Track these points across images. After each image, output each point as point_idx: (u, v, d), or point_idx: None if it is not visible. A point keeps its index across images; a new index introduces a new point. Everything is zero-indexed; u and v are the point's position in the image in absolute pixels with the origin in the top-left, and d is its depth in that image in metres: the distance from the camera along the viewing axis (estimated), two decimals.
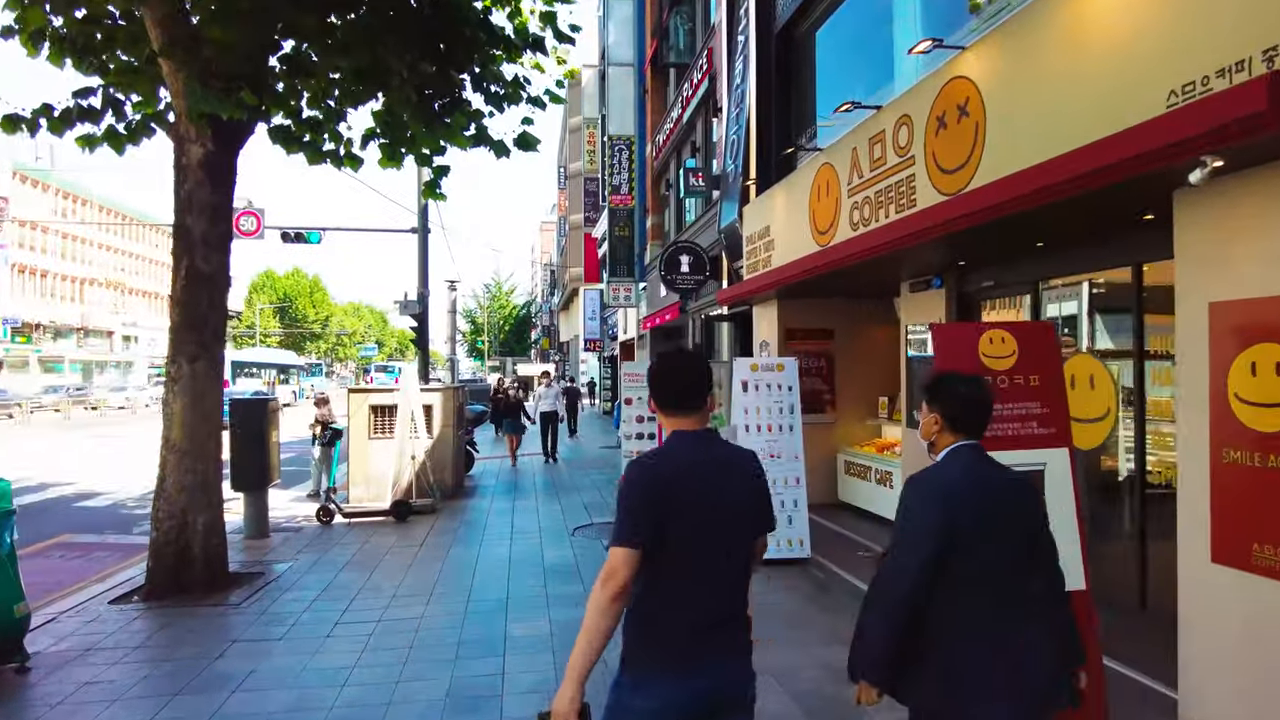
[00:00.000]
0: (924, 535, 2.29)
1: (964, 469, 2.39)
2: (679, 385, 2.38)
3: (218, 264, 7.15)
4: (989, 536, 2.30)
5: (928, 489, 2.38)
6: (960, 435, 2.46)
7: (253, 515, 9.36)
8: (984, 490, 2.36)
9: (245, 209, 22.06)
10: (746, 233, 10.56)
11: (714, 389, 2.55)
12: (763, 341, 10.26)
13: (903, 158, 6.57)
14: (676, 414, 2.38)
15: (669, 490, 2.21)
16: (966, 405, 2.47)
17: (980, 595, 2.29)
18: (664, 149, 18.43)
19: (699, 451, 2.31)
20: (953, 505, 2.29)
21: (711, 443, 2.37)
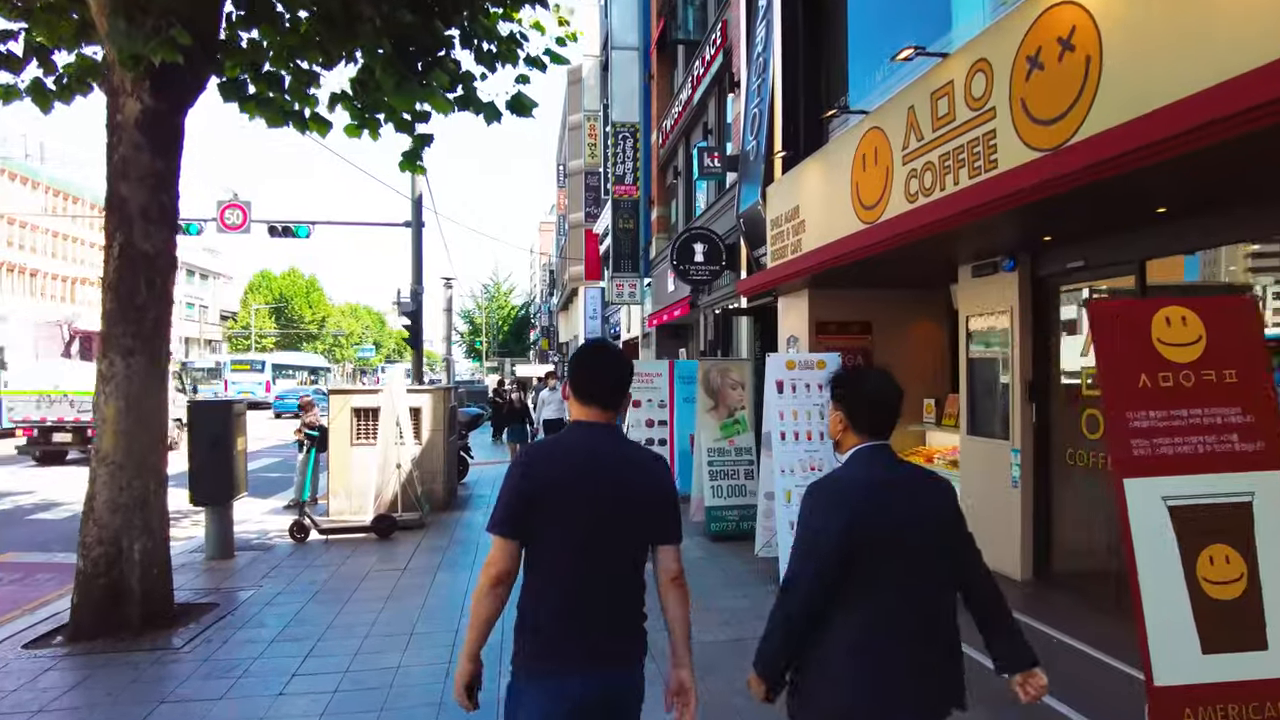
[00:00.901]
0: (822, 542, 2.15)
1: (867, 472, 2.26)
2: (589, 376, 2.32)
3: (161, 242, 6.04)
4: (895, 542, 2.16)
5: (826, 494, 2.24)
6: (865, 436, 2.32)
7: (215, 533, 8.24)
8: (888, 493, 2.21)
9: (231, 201, 21.05)
10: (771, 215, 9.46)
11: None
12: (790, 337, 9.16)
13: (978, 111, 5.46)
14: (583, 404, 2.31)
15: (546, 481, 2.18)
16: (867, 404, 2.32)
17: (885, 602, 2.16)
18: (671, 134, 17.33)
19: (592, 446, 2.25)
20: (853, 510, 2.15)
21: (609, 439, 2.29)
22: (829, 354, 6.83)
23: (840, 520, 2.14)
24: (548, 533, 2.18)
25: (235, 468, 8.29)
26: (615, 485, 2.22)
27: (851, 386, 2.38)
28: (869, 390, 2.35)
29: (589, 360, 2.36)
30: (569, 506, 2.18)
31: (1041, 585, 6.16)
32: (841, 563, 2.12)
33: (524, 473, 2.20)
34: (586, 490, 2.19)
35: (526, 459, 2.25)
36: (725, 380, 8.70)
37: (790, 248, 8.86)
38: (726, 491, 8.58)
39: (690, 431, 11.17)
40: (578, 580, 2.20)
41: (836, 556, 2.12)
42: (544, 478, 2.19)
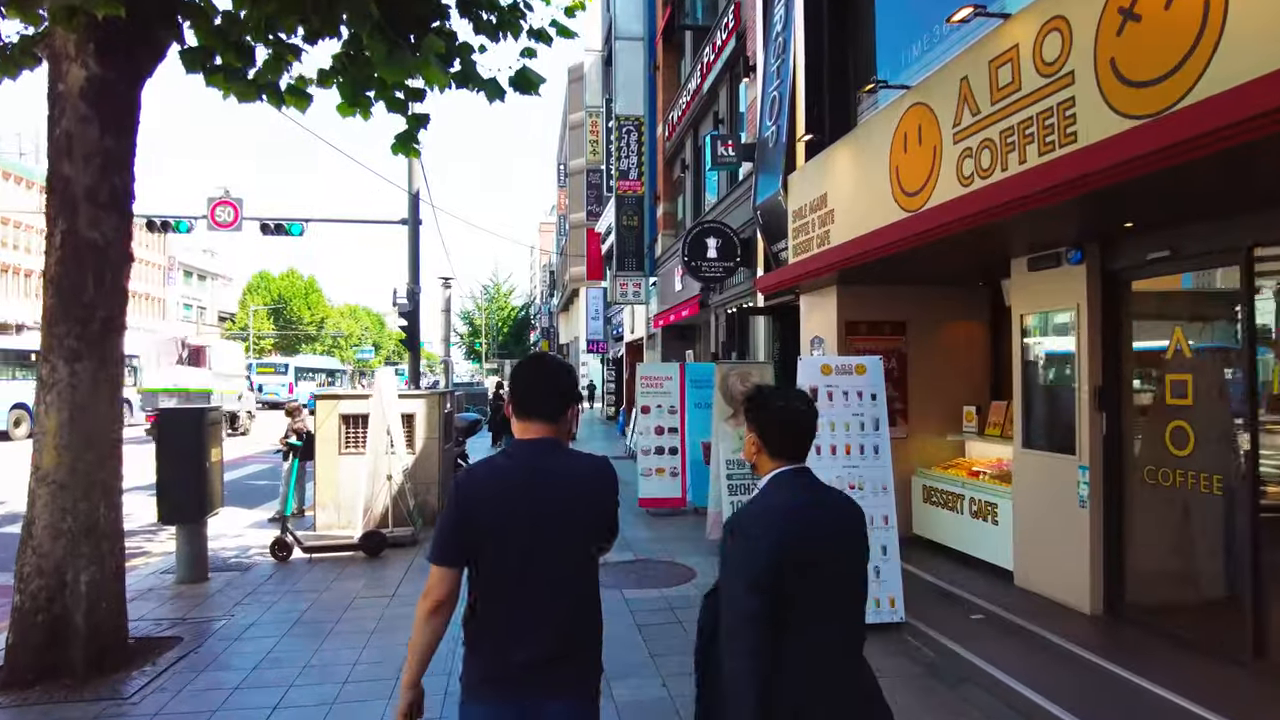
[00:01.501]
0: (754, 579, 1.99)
1: (787, 498, 2.13)
2: (527, 389, 2.27)
3: (112, 231, 5.29)
4: (818, 571, 2.05)
5: (748, 530, 2.08)
6: (781, 459, 2.19)
7: (186, 553, 7.50)
8: (812, 519, 2.10)
9: (222, 198, 20.35)
10: (793, 206, 8.72)
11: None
12: (815, 338, 8.41)
13: (1052, 77, 4.72)
14: (522, 419, 2.25)
15: (482, 504, 2.13)
16: (777, 424, 2.19)
17: (806, 634, 2.04)
18: (678, 126, 16.58)
19: (532, 463, 2.18)
20: (780, 536, 2.02)
21: (551, 455, 2.22)
22: (869, 358, 6.09)
23: (763, 553, 2.01)
24: (487, 556, 2.12)
25: (209, 482, 7.55)
26: (556, 503, 2.15)
27: (761, 406, 2.24)
28: (779, 409, 2.22)
29: (527, 373, 2.30)
30: (507, 529, 2.11)
31: (1113, 620, 5.42)
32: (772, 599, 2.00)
33: (459, 497, 2.14)
34: (524, 510, 2.12)
35: (461, 482, 2.18)
36: (745, 386, 7.95)
37: (816, 240, 8.11)
38: None
39: (703, 439, 10.45)
40: (520, 603, 2.13)
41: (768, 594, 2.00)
42: (479, 500, 2.13)
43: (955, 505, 7.16)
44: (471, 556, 2.14)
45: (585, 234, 39.30)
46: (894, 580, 5.77)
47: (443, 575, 2.14)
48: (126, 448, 5.59)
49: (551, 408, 2.25)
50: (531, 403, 2.25)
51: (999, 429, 7.29)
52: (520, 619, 2.13)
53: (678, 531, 9.39)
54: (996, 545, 6.51)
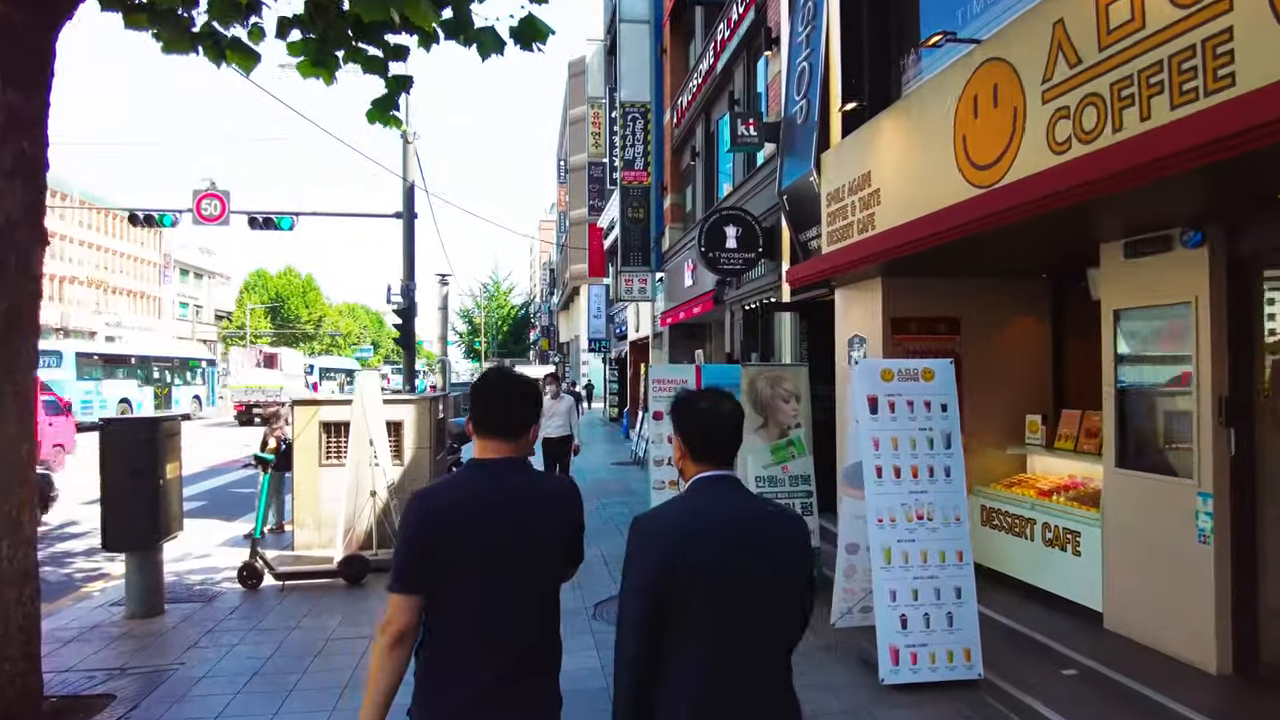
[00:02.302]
0: (641, 583, 1.92)
1: (700, 503, 2.02)
2: (485, 406, 2.18)
3: (18, 206, 4.32)
4: (724, 581, 1.91)
5: (646, 529, 1.99)
6: (706, 464, 2.06)
7: (137, 585, 6.52)
8: (720, 527, 1.95)
9: (208, 191, 19.40)
10: (827, 188, 7.73)
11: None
12: (854, 337, 7.43)
13: (1194, 7, 3.73)
14: (481, 437, 2.17)
15: (447, 526, 2.03)
16: (700, 428, 2.08)
17: (710, 649, 1.91)
18: (688, 112, 15.59)
19: (492, 484, 2.11)
20: (672, 545, 1.91)
21: (512, 474, 2.15)
22: (938, 360, 5.11)
23: (655, 556, 1.92)
24: (447, 581, 2.03)
25: (164, 502, 6.57)
26: (519, 526, 2.09)
27: (685, 409, 2.12)
28: (703, 412, 2.10)
29: (487, 389, 2.21)
30: (468, 552, 2.03)
31: (1247, 683, 4.44)
32: (658, 606, 1.89)
33: (418, 518, 2.05)
34: (486, 533, 2.05)
35: (420, 502, 2.08)
36: (776, 392, 6.98)
37: (857, 226, 7.13)
38: None
39: None
40: (480, 630, 2.05)
41: (652, 599, 1.89)
42: (440, 522, 2.03)
43: (1024, 530, 6.18)
44: (432, 582, 2.03)
45: (586, 230, 38.45)
46: (970, 629, 4.79)
47: (404, 604, 2.02)
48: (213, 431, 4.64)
49: (513, 426, 2.17)
50: (492, 420, 2.17)
51: (1071, 442, 6.31)
52: (479, 647, 2.04)
53: None
54: (1080, 581, 5.53)
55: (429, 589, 2.03)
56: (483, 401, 2.18)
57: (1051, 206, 4.49)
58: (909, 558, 4.82)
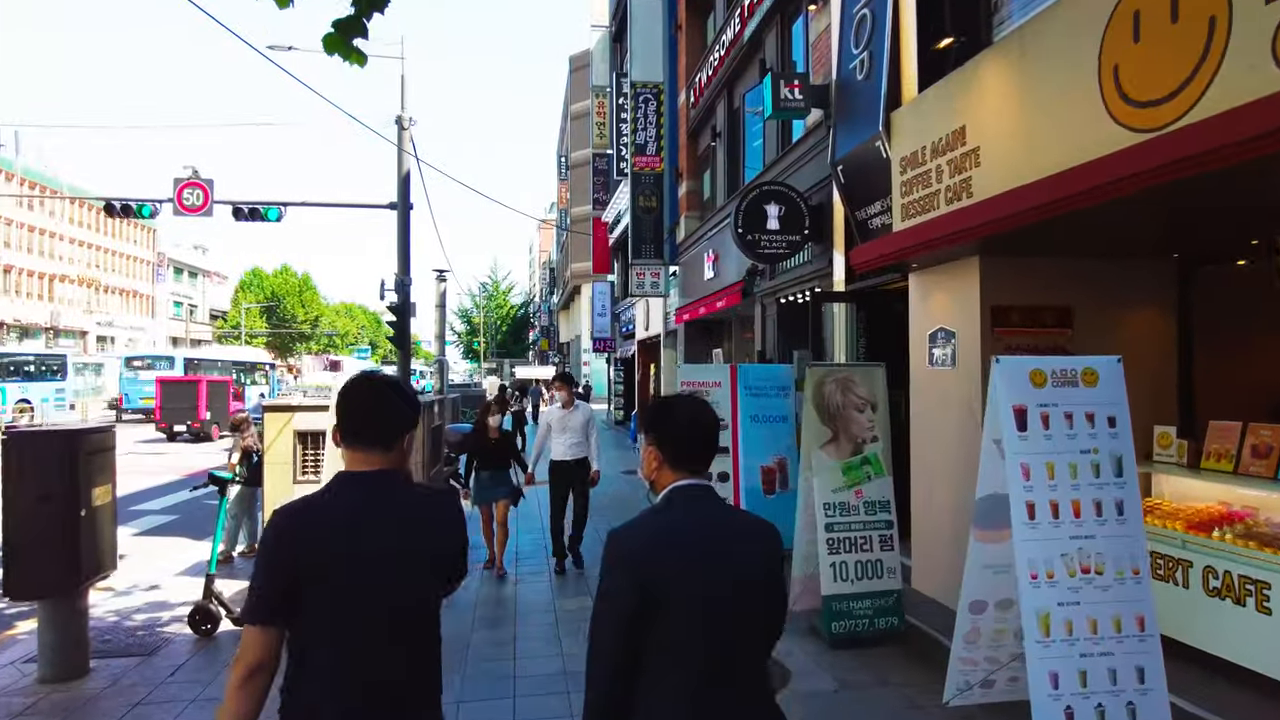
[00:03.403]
0: (621, 602, 1.81)
1: (675, 515, 1.94)
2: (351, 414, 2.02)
3: None
4: (712, 596, 1.84)
5: (620, 544, 1.88)
6: (681, 472, 1.99)
7: (51, 643, 5.20)
8: (704, 539, 1.89)
9: (190, 180, 18.07)
10: (901, 152, 6.43)
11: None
12: (937, 330, 6.13)
13: None
14: (352, 448, 2.01)
15: (307, 548, 1.86)
16: (687, 435, 2.00)
17: (685, 671, 1.81)
18: (707, 89, 14.27)
19: (358, 501, 1.94)
20: (648, 560, 1.83)
21: (386, 490, 1.99)
22: (1101, 358, 3.79)
23: (637, 572, 1.82)
24: (308, 609, 1.85)
25: (89, 537, 5.25)
26: (388, 546, 1.92)
27: (665, 414, 2.04)
28: (683, 417, 2.02)
29: (354, 395, 2.05)
30: (330, 576, 1.86)
31: None
32: (639, 626, 1.80)
33: (274, 542, 1.88)
34: (351, 555, 1.87)
35: (276, 524, 1.90)
36: (848, 398, 5.67)
37: (945, 195, 5.82)
38: (854, 570, 5.54)
39: (761, 462, 8.16)
40: (346, 661, 1.88)
41: (634, 619, 1.80)
42: (299, 545, 1.86)
43: (1171, 574, 4.86)
44: (291, 611, 1.85)
45: (587, 228, 37.28)
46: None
47: (258, 637, 1.84)
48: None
49: (383, 435, 2.01)
50: (361, 430, 2.00)
51: (1229, 461, 4.98)
52: (345, 678, 1.87)
53: None
54: (1272, 648, 4.21)
55: (287, 620, 1.86)
56: (351, 410, 2.03)
57: (1274, 149, 3.20)
58: (1073, 627, 3.51)
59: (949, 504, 6.04)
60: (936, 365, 6.18)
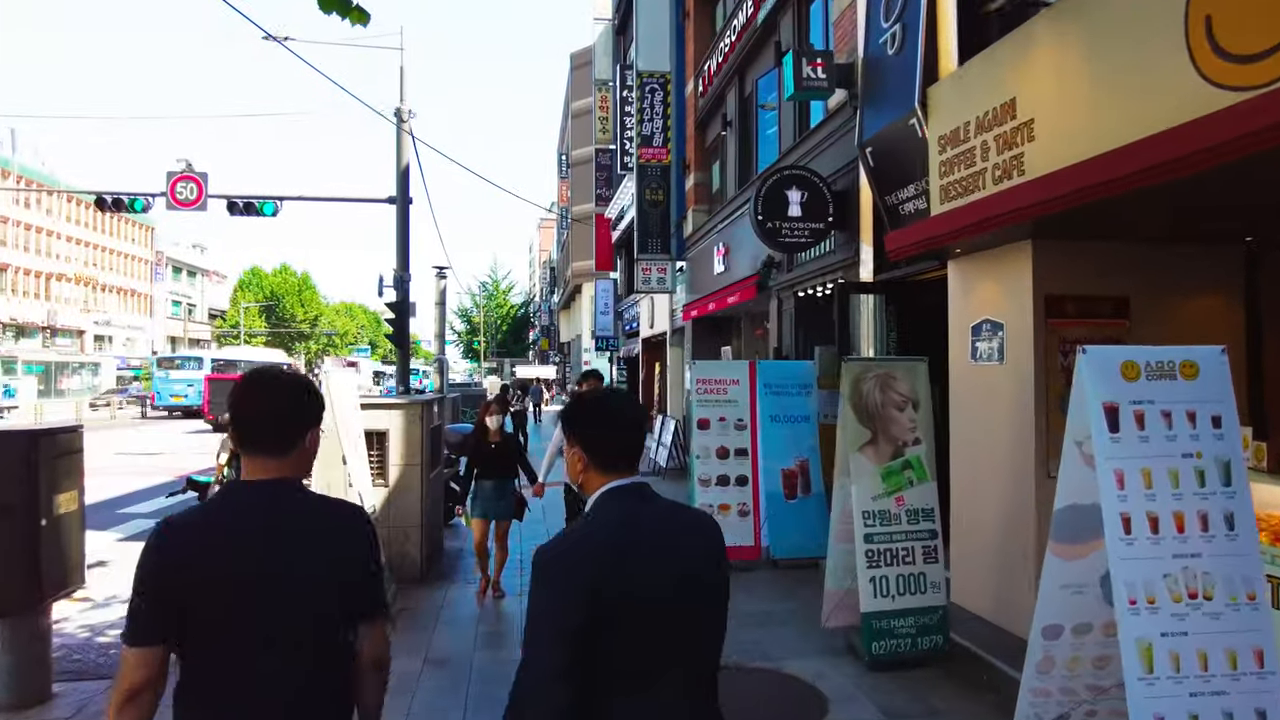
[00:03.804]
0: (560, 619, 1.64)
1: (614, 519, 1.78)
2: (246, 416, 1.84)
3: None
4: (652, 607, 1.69)
5: (556, 556, 1.71)
6: (612, 473, 1.86)
7: (10, 665, 4.69)
8: (650, 542, 1.75)
9: (183, 173, 17.59)
10: (941, 130, 5.92)
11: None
12: (983, 322, 5.63)
13: None
14: (248, 455, 1.84)
15: (192, 563, 1.72)
16: (614, 432, 1.88)
17: (642, 688, 1.69)
18: (717, 77, 13.77)
19: (250, 510, 1.80)
20: (596, 571, 1.66)
21: (282, 500, 1.82)
22: (1203, 348, 3.28)
23: (581, 580, 1.65)
24: (193, 631, 1.72)
25: (52, 550, 4.75)
26: (281, 562, 1.75)
27: (587, 411, 1.93)
28: (610, 412, 1.93)
29: (246, 395, 1.86)
30: (216, 595, 1.71)
31: None
32: (582, 649, 1.63)
33: (157, 556, 1.72)
34: (239, 572, 1.72)
35: (153, 538, 1.75)
36: (888, 396, 5.16)
37: (992, 173, 5.32)
38: (895, 584, 5.03)
39: (782, 465, 7.68)
40: (235, 691, 1.74)
41: (577, 635, 1.62)
42: (182, 559, 1.72)
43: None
44: (175, 631, 1.71)
45: (588, 227, 36.83)
46: None
47: (136, 658, 1.69)
48: None
49: (279, 439, 1.84)
50: (254, 433, 1.83)
51: None
52: (231, 700, 1.73)
53: (764, 604, 6.57)
54: None
55: (168, 639, 1.72)
56: (239, 411, 1.84)
57: None
58: (1180, 662, 3.01)
59: (994, 511, 5.54)
60: (980, 360, 5.68)
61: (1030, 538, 5.12)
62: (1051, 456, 5.12)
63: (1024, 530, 5.19)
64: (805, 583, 7.08)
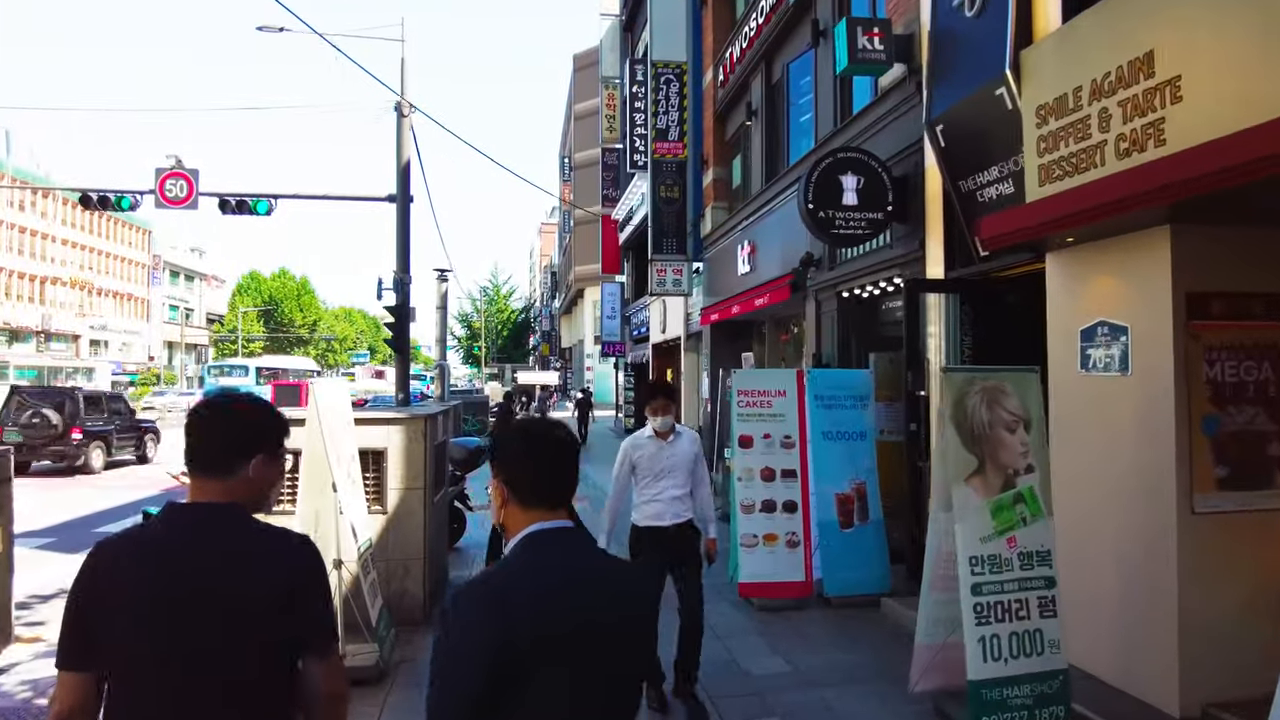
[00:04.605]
0: (465, 668, 1.51)
1: (540, 563, 1.60)
2: (193, 437, 1.81)
3: None
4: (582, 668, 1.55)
5: (472, 600, 1.57)
6: (538, 512, 1.66)
7: None
8: (572, 596, 1.57)
9: (173, 169, 16.72)
10: (1042, 98, 5.02)
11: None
12: (1099, 324, 4.71)
13: None
14: (194, 476, 1.81)
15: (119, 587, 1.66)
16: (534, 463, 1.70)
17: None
18: (740, 63, 12.87)
19: (180, 534, 1.73)
20: (508, 619, 1.51)
21: (216, 524, 1.74)
22: None
23: (488, 641, 1.49)
24: (119, 656, 1.67)
25: None
26: (209, 592, 1.67)
27: (512, 439, 1.76)
28: (535, 441, 1.72)
29: (192, 417, 1.83)
30: (142, 623, 1.64)
31: None
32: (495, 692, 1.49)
33: (84, 582, 1.68)
34: (163, 599, 1.64)
35: (89, 562, 1.70)
36: (996, 414, 4.22)
37: (1117, 146, 4.41)
38: (1009, 645, 4.10)
39: (836, 489, 6.76)
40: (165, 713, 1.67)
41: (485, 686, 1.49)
42: (109, 582, 1.67)
43: None
44: (98, 657, 1.67)
45: (590, 229, 36.05)
46: None
47: (65, 682, 1.68)
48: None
49: (215, 462, 1.78)
50: (193, 454, 1.80)
51: None
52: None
53: (825, 654, 5.63)
54: None
55: (97, 666, 1.67)
56: (187, 430, 1.81)
57: None
58: None
59: (1113, 551, 4.62)
60: (1094, 370, 4.76)
61: (1171, 585, 4.21)
62: (1197, 488, 4.21)
63: (1161, 577, 4.27)
64: (868, 626, 6.15)
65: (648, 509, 4.77)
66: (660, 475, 4.75)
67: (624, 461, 4.88)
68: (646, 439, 4.85)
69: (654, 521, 4.73)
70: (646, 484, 4.79)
